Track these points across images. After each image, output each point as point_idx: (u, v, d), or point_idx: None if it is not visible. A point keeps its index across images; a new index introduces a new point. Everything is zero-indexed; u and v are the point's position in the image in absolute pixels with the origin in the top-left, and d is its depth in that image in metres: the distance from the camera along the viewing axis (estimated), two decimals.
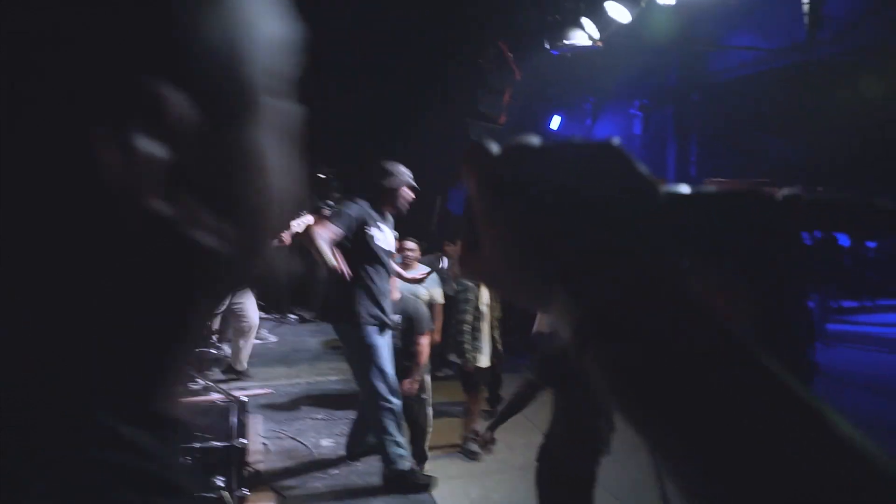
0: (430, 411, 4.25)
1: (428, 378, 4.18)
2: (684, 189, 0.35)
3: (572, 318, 0.32)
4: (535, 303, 0.35)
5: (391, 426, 3.59)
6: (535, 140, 0.35)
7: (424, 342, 4.10)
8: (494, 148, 0.36)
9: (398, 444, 3.60)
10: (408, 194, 3.73)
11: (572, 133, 13.45)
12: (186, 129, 0.27)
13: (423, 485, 3.62)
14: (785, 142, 12.74)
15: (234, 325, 5.44)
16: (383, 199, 3.68)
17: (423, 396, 4.16)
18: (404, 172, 3.74)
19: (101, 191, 0.24)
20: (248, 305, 5.15)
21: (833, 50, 8.90)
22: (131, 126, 0.25)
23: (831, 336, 8.10)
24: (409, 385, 4.11)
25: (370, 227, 3.58)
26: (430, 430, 4.26)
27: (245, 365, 5.36)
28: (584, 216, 0.32)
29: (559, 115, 12.82)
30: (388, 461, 3.62)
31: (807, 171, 13.87)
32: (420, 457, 4.23)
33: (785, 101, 10.94)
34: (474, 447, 4.79)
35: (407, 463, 3.61)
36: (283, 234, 5.32)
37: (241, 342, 5.24)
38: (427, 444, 4.24)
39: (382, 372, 3.54)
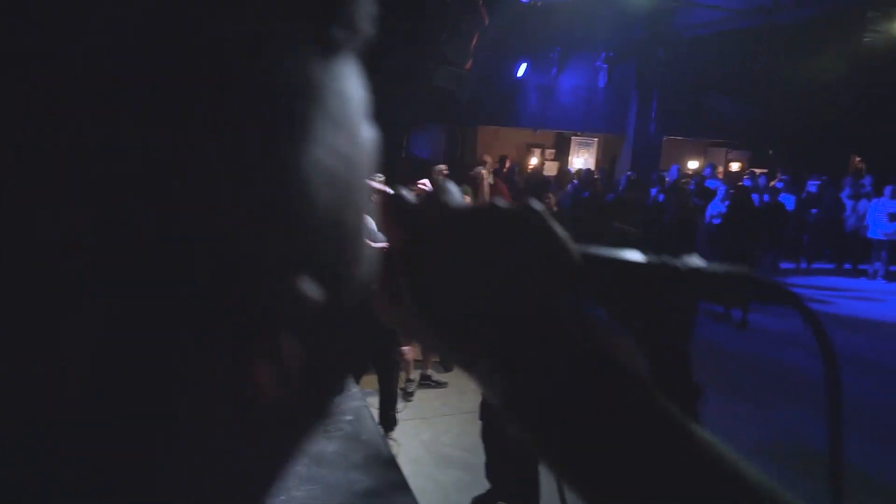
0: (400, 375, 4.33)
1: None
2: (598, 252, 0.36)
3: (495, 384, 0.33)
4: (456, 361, 0.35)
5: None
6: (452, 194, 0.35)
7: None
8: (412, 198, 0.34)
9: None
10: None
11: (538, 81, 13.36)
12: (320, 315, 0.25)
13: None
14: (742, 104, 13.01)
15: None
16: None
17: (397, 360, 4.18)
18: None
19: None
20: None
21: (796, 15, 9.01)
22: (280, 333, 0.23)
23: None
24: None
25: None
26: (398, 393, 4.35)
27: None
28: (502, 283, 0.32)
29: (525, 62, 12.70)
30: None
31: (760, 133, 14.26)
32: (389, 424, 4.25)
33: (745, 63, 11.08)
34: (411, 388, 4.99)
35: None
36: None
37: None
38: (395, 410, 4.34)
39: None
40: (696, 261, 0.35)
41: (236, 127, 0.21)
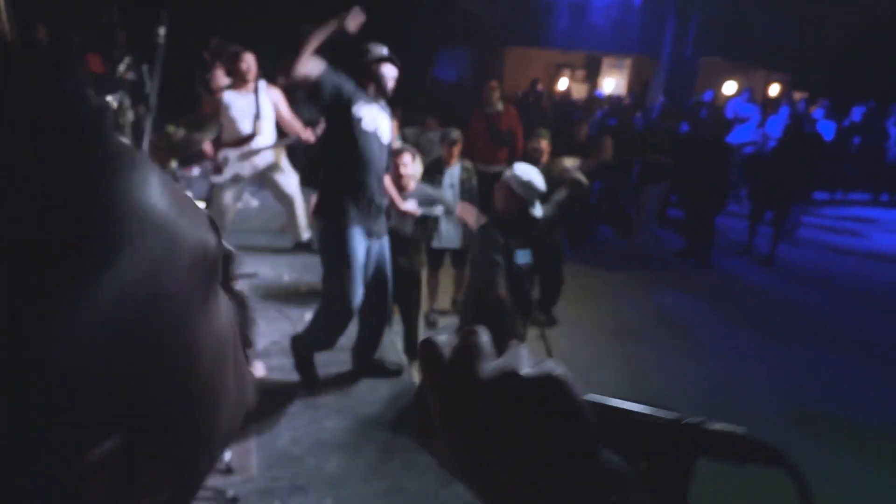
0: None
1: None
2: (608, 403, 0.38)
3: None
4: (482, 498, 0.38)
5: (331, 333, 3.34)
6: (486, 355, 0.37)
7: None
8: (446, 348, 0.38)
9: (322, 342, 3.39)
10: (389, 70, 3.10)
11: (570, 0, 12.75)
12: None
13: (310, 384, 3.41)
14: (782, 25, 12.29)
15: (274, 195, 5.15)
16: (362, 77, 3.06)
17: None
18: (377, 46, 3.11)
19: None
20: (285, 180, 4.92)
21: None
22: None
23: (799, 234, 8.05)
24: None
25: (355, 106, 2.98)
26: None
27: (307, 234, 5.25)
28: (528, 448, 0.35)
29: None
30: (299, 345, 3.39)
31: (803, 53, 13.53)
32: (413, 353, 4.17)
33: None
34: (433, 318, 5.03)
35: (310, 359, 3.44)
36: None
37: (288, 210, 5.11)
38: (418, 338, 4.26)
39: (352, 282, 3.15)
40: (696, 418, 0.37)
41: None
